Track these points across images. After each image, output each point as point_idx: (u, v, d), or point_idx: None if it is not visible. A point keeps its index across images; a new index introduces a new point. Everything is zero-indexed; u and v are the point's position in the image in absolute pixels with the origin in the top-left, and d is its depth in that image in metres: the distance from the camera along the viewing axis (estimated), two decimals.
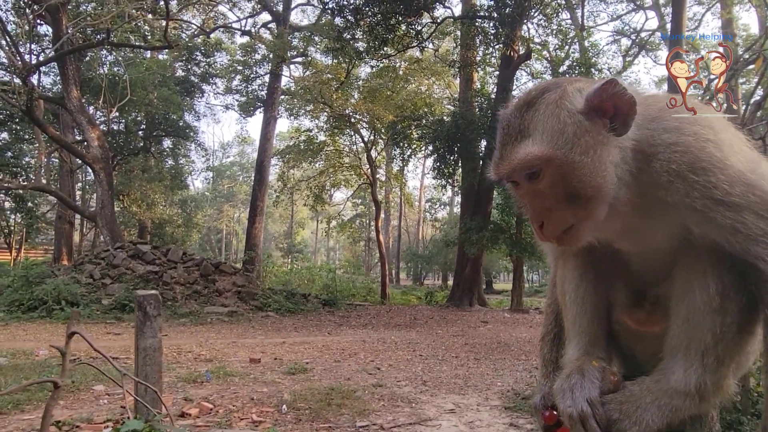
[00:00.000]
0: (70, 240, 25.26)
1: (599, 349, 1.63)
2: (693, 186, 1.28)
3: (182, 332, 12.35)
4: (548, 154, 1.30)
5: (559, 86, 1.40)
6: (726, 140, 1.34)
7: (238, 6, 28.88)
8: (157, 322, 3.43)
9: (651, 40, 30.35)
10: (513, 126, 1.37)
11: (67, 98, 18.18)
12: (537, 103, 1.36)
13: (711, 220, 1.29)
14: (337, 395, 6.48)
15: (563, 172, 1.31)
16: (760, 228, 1.28)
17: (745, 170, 1.30)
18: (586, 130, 1.32)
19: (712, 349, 1.37)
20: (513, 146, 1.35)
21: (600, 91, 1.32)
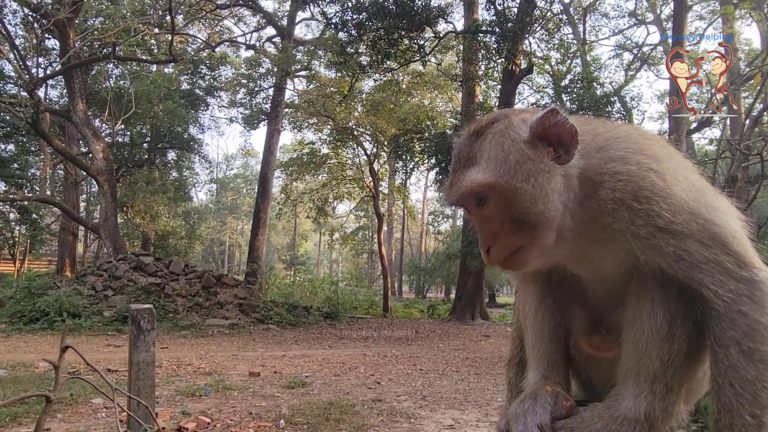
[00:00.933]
0: (73, 251, 25.35)
1: (557, 374, 1.63)
2: (637, 214, 1.31)
3: (183, 345, 12.32)
4: (491, 181, 1.35)
5: (506, 117, 1.45)
6: (669, 169, 1.36)
7: (244, 21, 29.32)
8: (150, 336, 3.42)
9: (653, 55, 30.50)
10: (463, 154, 1.43)
11: (73, 111, 18.39)
12: (485, 133, 1.42)
13: (655, 247, 1.32)
14: (335, 410, 6.43)
15: (507, 198, 1.35)
16: (703, 256, 1.30)
17: (688, 199, 1.33)
18: (528, 158, 1.36)
19: (662, 376, 1.38)
20: (461, 173, 1.41)
21: (541, 119, 1.37)
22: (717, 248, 1.32)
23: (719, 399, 1.29)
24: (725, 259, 1.31)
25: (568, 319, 1.65)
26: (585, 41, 23.73)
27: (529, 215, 1.35)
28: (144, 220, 26.80)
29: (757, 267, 1.34)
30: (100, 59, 19.84)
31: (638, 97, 32.19)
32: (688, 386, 1.47)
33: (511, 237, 1.38)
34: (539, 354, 1.65)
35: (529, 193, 1.33)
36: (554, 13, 19.96)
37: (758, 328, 1.28)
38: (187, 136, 30.04)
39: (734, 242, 1.34)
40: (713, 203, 1.37)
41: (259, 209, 26.41)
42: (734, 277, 1.31)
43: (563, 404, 1.51)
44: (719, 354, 1.30)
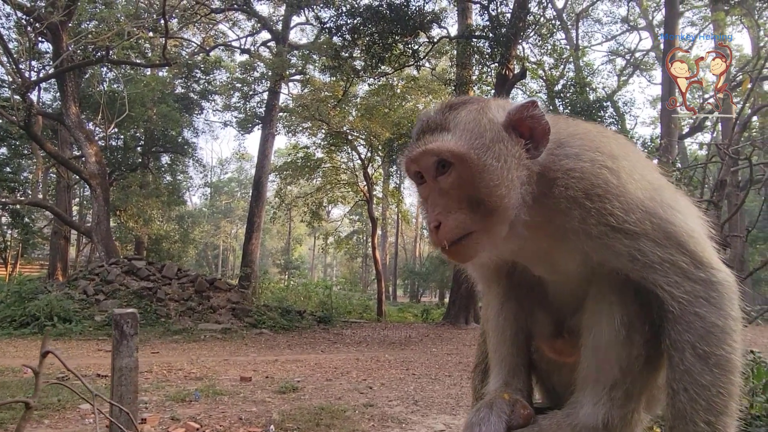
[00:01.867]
0: (65, 255, 25.17)
1: (518, 380, 1.58)
2: (589, 212, 1.27)
3: (174, 349, 12.23)
4: (463, 150, 1.30)
5: (482, 100, 1.42)
6: (625, 167, 1.33)
7: (238, 25, 29.32)
8: (134, 341, 3.39)
9: (645, 60, 30.74)
10: (433, 121, 1.38)
11: (66, 114, 18.30)
12: (460, 107, 1.39)
13: (608, 247, 1.28)
14: (326, 415, 6.39)
15: (472, 173, 1.30)
16: (658, 255, 1.26)
17: (643, 197, 1.29)
18: (502, 140, 1.33)
19: (620, 383, 1.34)
20: (430, 136, 1.35)
21: (521, 108, 1.34)
22: (672, 248, 1.28)
23: (674, 405, 1.25)
24: (681, 258, 1.27)
25: (530, 323, 1.61)
26: (578, 47, 23.89)
27: (490, 197, 1.30)
28: (137, 224, 26.66)
29: (715, 267, 1.30)
30: (93, 62, 19.79)
31: (631, 102, 32.45)
32: (649, 393, 1.42)
33: (465, 217, 1.31)
34: (500, 359, 1.61)
35: (497, 173, 1.29)
36: (547, 18, 20.07)
37: (714, 331, 1.24)
38: (181, 140, 29.97)
39: (691, 242, 1.29)
40: (670, 202, 1.33)
41: (253, 213, 26.35)
42: (690, 277, 1.27)
43: (521, 412, 1.47)
44: (675, 358, 1.26)
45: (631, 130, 20.48)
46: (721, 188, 4.61)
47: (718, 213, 4.77)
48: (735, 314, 1.28)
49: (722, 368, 1.23)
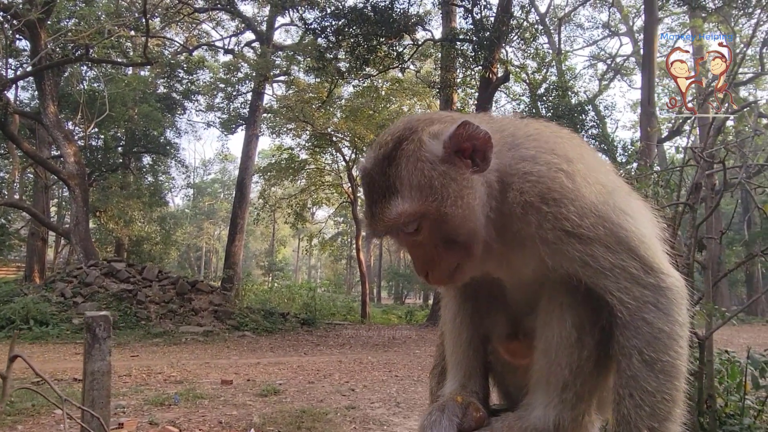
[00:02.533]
0: (43, 257, 24.64)
1: (474, 382, 1.58)
2: (545, 217, 1.27)
3: (154, 353, 12.05)
4: (420, 210, 1.29)
5: (414, 133, 1.36)
6: (580, 171, 1.32)
7: (222, 25, 29.09)
8: (106, 345, 3.32)
9: (626, 65, 31.25)
10: (377, 183, 1.34)
11: (44, 113, 17.94)
12: (397, 157, 1.33)
13: (562, 252, 1.28)
14: (308, 418, 6.35)
15: (438, 223, 1.30)
16: (609, 261, 1.27)
17: (597, 202, 1.29)
18: (451, 179, 1.30)
19: (571, 385, 1.35)
20: (383, 204, 1.32)
21: (455, 136, 1.31)
22: (623, 253, 1.28)
23: (619, 410, 1.26)
24: (631, 264, 1.28)
25: (487, 325, 1.61)
26: (560, 51, 24.18)
27: (462, 236, 1.31)
28: (118, 225, 26.20)
29: (665, 272, 1.31)
30: (72, 61, 19.44)
31: (611, 106, 33.00)
32: (600, 395, 1.43)
33: (447, 257, 1.34)
34: (457, 361, 1.60)
35: (459, 215, 1.29)
36: (530, 23, 20.29)
37: (661, 337, 1.25)
38: (164, 140, 29.56)
39: (641, 247, 1.30)
40: (622, 206, 1.33)
41: (236, 214, 26.12)
42: (640, 283, 1.28)
43: (473, 415, 1.47)
44: (622, 363, 1.27)
45: (612, 134, 20.78)
46: (696, 191, 4.69)
47: (694, 215, 4.85)
48: (682, 320, 1.30)
49: (667, 374, 1.24)
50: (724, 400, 5.03)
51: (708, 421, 4.63)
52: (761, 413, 4.87)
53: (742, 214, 29.07)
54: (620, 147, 18.93)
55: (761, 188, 5.63)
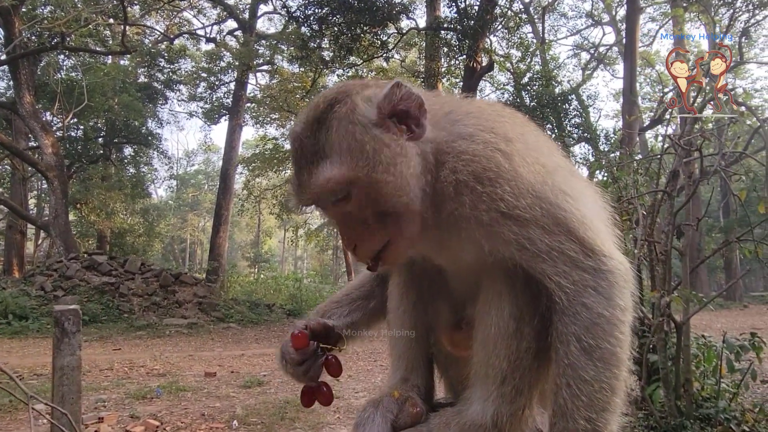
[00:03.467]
0: (21, 251, 24.15)
1: (417, 375, 1.53)
2: (480, 197, 1.22)
3: (137, 346, 11.93)
4: (350, 176, 1.22)
5: (347, 96, 1.29)
6: (519, 150, 1.27)
7: (203, 13, 28.53)
8: (76, 339, 3.25)
9: (609, 55, 31.44)
10: (306, 147, 1.26)
11: (20, 103, 17.51)
12: (328, 120, 1.26)
13: (498, 235, 1.22)
14: (291, 408, 6.34)
15: (368, 191, 1.23)
16: (546, 244, 1.21)
17: (535, 182, 1.23)
18: (384, 144, 1.24)
19: (510, 377, 1.29)
20: (311, 170, 1.25)
21: (388, 96, 1.25)
22: (561, 235, 1.22)
23: (556, 401, 1.21)
24: (569, 246, 1.22)
25: (431, 314, 1.54)
26: (544, 40, 24.22)
27: (393, 207, 1.24)
28: (99, 217, 25.78)
29: (606, 255, 1.24)
30: (47, 49, 18.96)
31: (595, 96, 33.17)
32: (541, 388, 1.36)
33: (377, 231, 1.26)
34: (400, 353, 1.55)
35: (391, 183, 1.22)
36: (514, 12, 20.28)
37: (600, 323, 1.19)
38: (145, 131, 29.04)
39: (581, 228, 1.23)
40: (563, 186, 1.27)
41: (220, 206, 25.87)
42: (579, 266, 1.21)
43: (410, 411, 1.42)
44: (560, 351, 1.21)
45: (595, 123, 20.93)
46: (674, 179, 4.74)
47: (672, 203, 4.91)
48: (624, 304, 1.23)
49: (606, 362, 1.19)
50: (701, 384, 5.14)
51: (685, 404, 4.72)
52: (736, 396, 4.98)
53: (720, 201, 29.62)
54: (603, 136, 19.08)
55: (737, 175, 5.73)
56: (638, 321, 5.10)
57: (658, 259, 4.89)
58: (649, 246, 5.04)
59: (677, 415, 4.63)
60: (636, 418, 4.94)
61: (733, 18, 22.61)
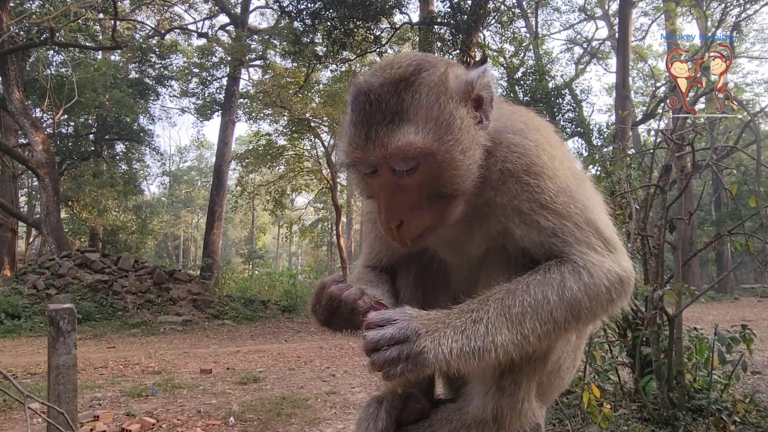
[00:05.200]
0: (12, 249, 23.97)
1: None
2: (524, 188, 1.27)
3: (132, 343, 11.89)
4: (432, 147, 1.17)
5: (435, 66, 1.25)
6: (558, 155, 1.35)
7: (195, 7, 28.32)
8: (71, 338, 3.24)
9: (601, 49, 31.50)
10: (386, 104, 1.18)
11: (9, 100, 17.30)
12: (416, 83, 1.20)
13: (534, 223, 1.27)
14: (288, 404, 6.36)
15: (440, 168, 1.19)
16: (575, 236, 1.28)
17: (570, 184, 1.32)
18: (467, 125, 1.22)
19: (508, 370, 1.31)
20: (389, 129, 1.16)
21: (479, 79, 1.26)
22: (590, 232, 1.30)
23: (497, 289, 1.25)
24: (597, 242, 1.30)
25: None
26: (537, 35, 24.23)
27: (454, 189, 1.23)
28: (91, 214, 25.60)
29: (624, 256, 1.34)
30: (36, 45, 18.73)
31: (588, 90, 33.32)
32: (539, 380, 1.39)
33: (426, 212, 1.23)
34: None
35: (464, 166, 1.21)
36: (507, 6, 20.27)
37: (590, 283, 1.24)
38: (137, 127, 28.77)
39: (606, 230, 1.34)
40: (591, 195, 1.39)
41: (214, 202, 25.76)
42: (601, 253, 1.29)
43: (413, 407, 1.43)
44: (541, 270, 1.26)
45: (588, 117, 21.02)
46: (666, 173, 4.77)
47: (664, 197, 4.94)
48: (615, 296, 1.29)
49: (568, 308, 1.21)
50: (693, 376, 5.20)
51: (677, 396, 4.78)
52: (727, 387, 5.05)
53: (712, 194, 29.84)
54: (596, 130, 19.16)
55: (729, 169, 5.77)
56: (631, 314, 5.16)
57: (651, 252, 4.93)
58: (642, 240, 5.09)
59: (670, 406, 4.68)
60: (629, 410, 5.00)
61: (725, 12, 22.70)
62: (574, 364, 1.52)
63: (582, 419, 4.63)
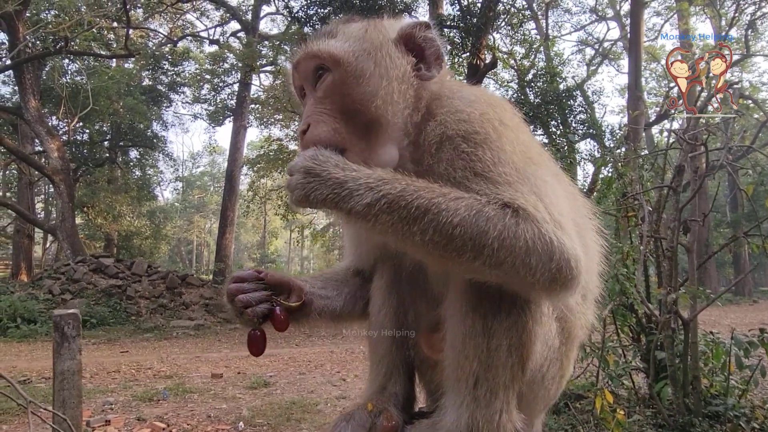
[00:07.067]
0: (29, 254, 24.35)
1: (395, 383, 1.48)
2: (460, 155, 1.22)
3: (145, 348, 11.98)
4: (338, 53, 1.27)
5: (380, 19, 1.41)
6: (509, 135, 1.27)
7: (207, 15, 28.64)
8: (76, 344, 3.25)
9: (613, 50, 31.21)
10: (323, 30, 1.37)
11: (25, 108, 17.62)
12: (356, 20, 1.38)
13: (468, 189, 1.19)
14: (297, 409, 6.34)
15: (348, 77, 1.26)
16: (513, 194, 1.18)
17: (518, 161, 1.23)
18: (387, 51, 1.30)
19: (482, 379, 1.22)
20: (314, 41, 1.33)
21: (413, 25, 1.33)
22: (534, 197, 1.19)
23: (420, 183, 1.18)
24: (538, 205, 1.18)
25: (411, 319, 1.48)
26: (548, 36, 24.08)
27: (364, 106, 1.25)
28: (106, 220, 25.96)
29: (570, 237, 1.19)
30: (50, 54, 19.05)
31: (600, 91, 32.98)
32: (518, 389, 1.27)
33: (338, 125, 1.25)
34: (378, 359, 1.51)
35: (374, 81, 1.25)
36: (517, 8, 20.16)
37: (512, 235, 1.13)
38: (150, 134, 29.18)
39: (556, 209, 1.21)
40: (544, 178, 1.26)
41: (226, 207, 25.95)
42: (541, 214, 1.17)
43: (384, 424, 1.37)
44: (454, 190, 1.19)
45: (600, 119, 20.79)
46: (679, 174, 4.68)
47: (677, 198, 4.85)
48: (533, 263, 1.13)
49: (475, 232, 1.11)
50: (709, 381, 5.08)
51: (693, 401, 4.67)
52: (745, 393, 4.92)
53: (728, 195, 29.35)
54: (608, 132, 18.94)
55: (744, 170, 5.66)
56: (645, 318, 5.06)
57: (665, 255, 4.84)
58: (656, 242, 4.99)
59: (686, 412, 4.57)
60: (644, 416, 4.89)
61: (738, 10, 22.36)
62: (561, 373, 1.40)
63: (595, 425, 4.54)
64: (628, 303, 4.94)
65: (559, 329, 1.34)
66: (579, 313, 1.39)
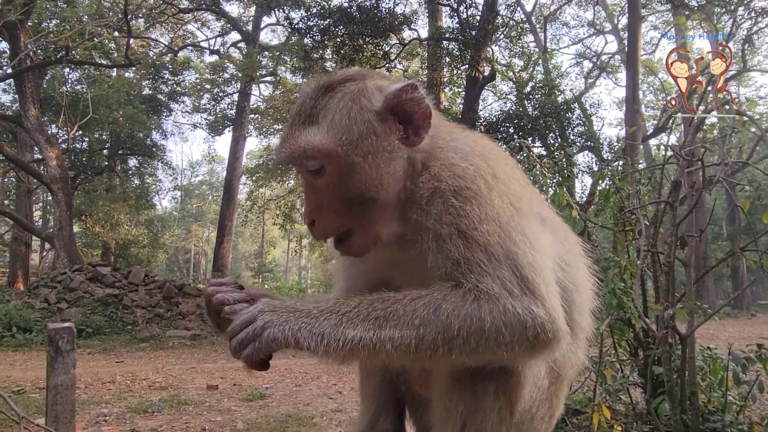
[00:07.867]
0: (26, 263, 24.25)
1: (386, 420, 1.47)
2: (448, 209, 1.20)
3: (140, 358, 11.90)
4: (329, 148, 1.22)
5: (363, 78, 1.32)
6: (500, 188, 1.25)
7: (207, 25, 28.84)
8: (70, 357, 3.23)
9: (611, 63, 31.47)
10: (305, 107, 1.29)
11: (25, 116, 17.66)
12: (335, 91, 1.28)
13: (445, 250, 1.19)
14: (293, 422, 6.29)
15: (341, 172, 1.23)
16: (481, 266, 1.16)
17: (503, 215, 1.21)
18: (374, 133, 1.25)
19: (470, 422, 1.20)
20: (298, 130, 1.26)
21: (398, 92, 1.25)
22: (505, 265, 1.17)
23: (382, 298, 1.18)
24: (508, 277, 1.16)
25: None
26: (546, 49, 24.28)
27: (361, 194, 1.23)
28: (104, 228, 25.91)
29: (545, 304, 1.16)
30: (51, 63, 19.13)
31: (597, 104, 33.25)
32: (507, 430, 1.25)
33: (341, 216, 1.26)
34: (369, 394, 1.50)
35: (365, 173, 1.22)
36: (516, 21, 20.35)
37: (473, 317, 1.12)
38: (149, 142, 29.22)
39: (529, 270, 1.17)
40: (530, 231, 1.24)
41: (224, 216, 25.96)
42: (507, 289, 1.15)
43: None
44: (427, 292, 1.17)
45: (598, 132, 20.90)
46: (676, 189, 4.70)
47: (674, 214, 4.86)
48: (507, 340, 1.12)
49: (441, 327, 1.12)
50: (707, 397, 5.05)
51: (691, 417, 4.64)
52: (743, 409, 4.90)
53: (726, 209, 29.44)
54: (606, 145, 19.03)
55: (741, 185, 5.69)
56: (643, 332, 5.05)
57: (662, 269, 4.84)
58: (653, 256, 4.99)
59: (683, 429, 4.54)
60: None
61: (735, 25, 22.60)
62: (551, 412, 1.39)
63: None
64: (625, 317, 4.92)
65: (548, 369, 1.33)
66: (569, 353, 1.37)
